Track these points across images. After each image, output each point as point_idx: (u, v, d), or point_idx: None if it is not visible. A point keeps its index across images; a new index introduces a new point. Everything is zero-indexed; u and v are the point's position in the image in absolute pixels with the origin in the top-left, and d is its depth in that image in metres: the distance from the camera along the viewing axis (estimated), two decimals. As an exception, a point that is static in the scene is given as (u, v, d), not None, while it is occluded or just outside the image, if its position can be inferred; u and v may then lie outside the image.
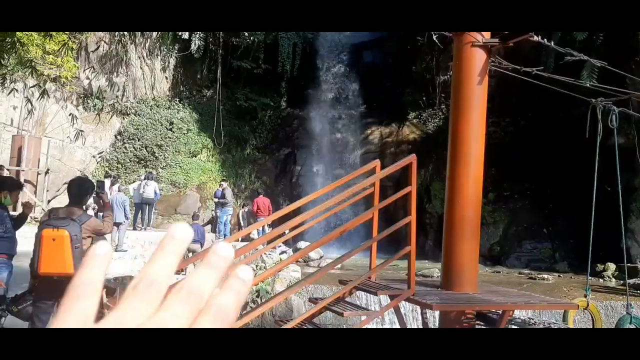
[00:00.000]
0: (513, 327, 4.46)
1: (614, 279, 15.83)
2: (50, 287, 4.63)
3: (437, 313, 4.44)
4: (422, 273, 12.94)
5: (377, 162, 4.62)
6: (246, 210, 18.69)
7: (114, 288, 3.75)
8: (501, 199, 21.27)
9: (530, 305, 4.27)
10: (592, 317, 7.82)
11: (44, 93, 7.58)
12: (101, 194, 5.32)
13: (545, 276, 15.99)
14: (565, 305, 5.64)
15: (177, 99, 23.31)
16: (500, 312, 4.16)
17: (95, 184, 5.28)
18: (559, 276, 16.54)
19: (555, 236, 20.23)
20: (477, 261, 4.76)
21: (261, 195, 17.17)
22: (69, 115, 12.69)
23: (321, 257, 16.30)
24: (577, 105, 19.37)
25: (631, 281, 14.36)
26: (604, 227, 18.16)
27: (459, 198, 4.64)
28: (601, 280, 15.83)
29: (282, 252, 15.17)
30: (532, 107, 21.00)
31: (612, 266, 16.49)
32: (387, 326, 11.17)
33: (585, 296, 7.92)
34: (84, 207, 4.96)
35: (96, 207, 10.11)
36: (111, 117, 21.15)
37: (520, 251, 20.94)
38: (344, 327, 10.78)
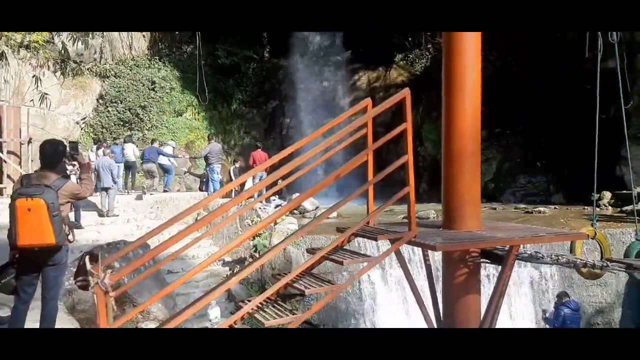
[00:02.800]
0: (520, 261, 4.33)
1: (610, 207, 15.83)
2: (32, 258, 4.40)
3: (439, 255, 4.26)
4: (418, 215, 12.82)
5: (368, 101, 4.33)
6: (237, 166, 18.41)
7: (97, 254, 3.51)
8: (493, 135, 21.07)
9: (538, 238, 4.09)
10: (600, 245, 7.75)
11: (3, 54, 7.15)
12: (75, 155, 4.99)
13: (542, 209, 15.98)
14: (574, 235, 5.48)
15: (157, 58, 22.59)
16: (507, 248, 3.99)
17: (67, 145, 4.91)
18: (555, 208, 16.54)
19: (549, 169, 20.18)
20: (478, 197, 4.55)
21: (258, 149, 16.91)
22: (32, 77, 12.15)
23: (317, 207, 16.17)
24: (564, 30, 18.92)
25: (628, 208, 14.35)
26: (598, 155, 18.09)
27: (456, 132, 4.39)
28: (597, 209, 15.82)
29: (277, 206, 15.02)
30: (517, 40, 20.50)
31: (607, 194, 16.49)
32: (389, 273, 11.11)
33: (592, 225, 7.85)
34: (58, 171, 4.64)
35: (73, 170, 9.77)
36: (91, 80, 20.51)
37: (515, 186, 20.94)
38: (345, 274, 10.71)
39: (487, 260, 4.42)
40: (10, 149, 14.19)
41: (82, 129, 19.89)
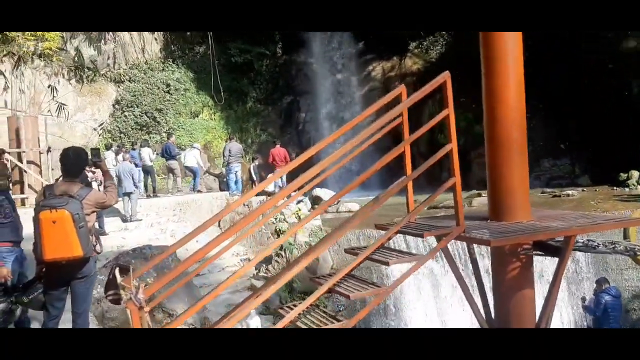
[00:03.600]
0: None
1: (639, 187, 15.35)
2: (59, 272, 4.23)
3: (487, 248, 3.99)
4: (444, 205, 12.51)
5: (402, 88, 4.05)
6: (256, 164, 18.25)
7: (127, 266, 3.32)
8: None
9: (598, 226, 3.78)
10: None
11: (19, 61, 7.02)
12: (98, 162, 4.79)
13: (570, 192, 15.53)
14: (635, 221, 5.12)
15: (170, 60, 22.52)
16: (562, 238, 3.70)
17: (89, 152, 4.71)
18: (582, 190, 16.08)
19: (573, 150, 19.70)
20: (527, 185, 4.26)
21: (277, 146, 16.79)
22: (48, 87, 12.07)
23: (338, 202, 15.92)
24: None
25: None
26: (623, 134, 17.65)
27: (501, 116, 4.10)
28: (626, 189, 15.38)
29: (299, 201, 14.81)
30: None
31: (635, 174, 16.00)
32: (436, 269, 10.72)
33: None
34: (81, 180, 4.45)
35: (93, 177, 9.64)
36: (106, 86, 20.49)
37: (539, 170, 20.46)
38: (388, 273, 10.32)
39: (541, 253, 4.13)
40: (30, 158, 14.15)
41: (100, 135, 19.88)
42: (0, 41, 15.45)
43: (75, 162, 4.42)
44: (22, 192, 13.87)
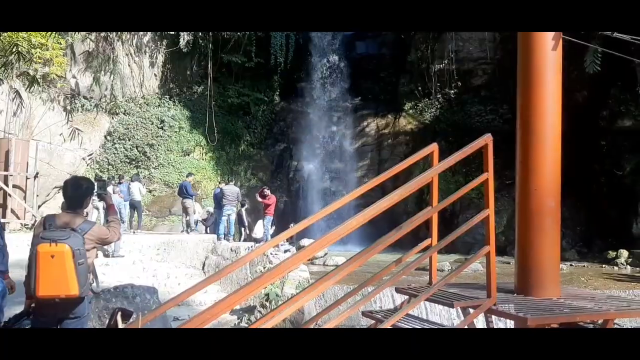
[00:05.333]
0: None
1: (628, 266, 15.37)
2: (51, 310, 3.94)
3: (509, 322, 3.83)
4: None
5: (434, 146, 3.95)
6: (246, 208, 18.03)
7: (130, 312, 3.08)
8: (504, 187, 20.80)
9: (636, 312, 3.65)
10: None
11: (33, 82, 6.88)
12: (104, 195, 4.55)
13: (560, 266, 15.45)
14: None
15: (167, 97, 22.55)
16: (600, 322, 3.54)
17: (95, 184, 4.46)
18: (570, 265, 16.05)
19: (562, 224, 19.76)
20: (558, 259, 4.14)
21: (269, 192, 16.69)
22: (64, 111, 11.95)
23: (325, 254, 15.69)
24: (578, 89, 18.93)
25: (650, 267, 13.89)
26: (613, 213, 17.79)
27: (536, 185, 4.00)
28: (616, 267, 15.38)
29: (286, 251, 14.57)
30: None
31: (624, 253, 16.05)
32: None
33: None
34: (84, 212, 4.21)
35: (97, 210, 9.38)
36: (100, 117, 20.34)
37: (526, 240, 20.45)
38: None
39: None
40: (16, 182, 13.82)
41: (87, 164, 19.59)
42: (15, 59, 15.40)
43: (79, 193, 4.19)
44: (4, 216, 13.48)
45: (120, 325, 3.05)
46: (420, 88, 24.64)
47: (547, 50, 3.94)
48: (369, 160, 24.13)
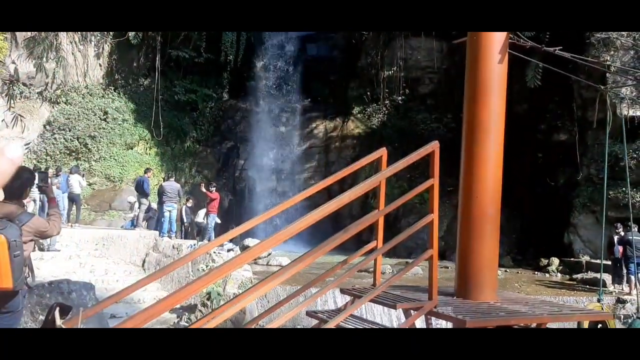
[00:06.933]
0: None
1: (559, 274, 16.09)
2: (-17, 303, 3.77)
3: (446, 323, 3.95)
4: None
5: (382, 151, 4.03)
6: (190, 205, 17.73)
7: (69, 307, 2.99)
8: (445, 194, 21.36)
9: (566, 316, 3.84)
10: (606, 321, 7.65)
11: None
12: (45, 187, 4.40)
13: (493, 271, 16.00)
14: (604, 315, 5.32)
15: (112, 88, 21.90)
16: (533, 325, 3.70)
17: (37, 174, 4.30)
18: (505, 271, 16.65)
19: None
20: (496, 265, 4.30)
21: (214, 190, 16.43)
22: (5, 96, 11.42)
23: (269, 254, 15.65)
24: (519, 102, 19.68)
25: (579, 276, 14.60)
26: (547, 222, 18.57)
27: (477, 192, 4.14)
28: (547, 275, 16.07)
29: (230, 250, 14.43)
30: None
31: (555, 261, 16.80)
32: None
33: (598, 300, 7.79)
34: (23, 203, 4.05)
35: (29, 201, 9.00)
36: (39, 105, 19.54)
37: (463, 247, 21.05)
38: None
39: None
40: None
41: (24, 154, 18.76)
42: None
43: (18, 183, 4.03)
44: None
45: (58, 321, 2.94)
46: (369, 93, 24.97)
47: (494, 63, 4.10)
48: (316, 162, 24.24)
